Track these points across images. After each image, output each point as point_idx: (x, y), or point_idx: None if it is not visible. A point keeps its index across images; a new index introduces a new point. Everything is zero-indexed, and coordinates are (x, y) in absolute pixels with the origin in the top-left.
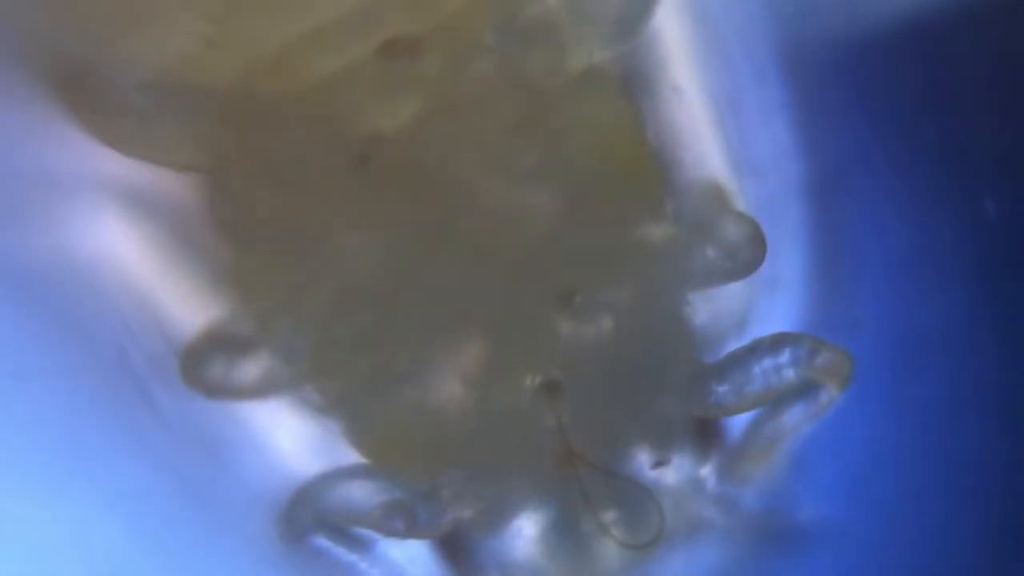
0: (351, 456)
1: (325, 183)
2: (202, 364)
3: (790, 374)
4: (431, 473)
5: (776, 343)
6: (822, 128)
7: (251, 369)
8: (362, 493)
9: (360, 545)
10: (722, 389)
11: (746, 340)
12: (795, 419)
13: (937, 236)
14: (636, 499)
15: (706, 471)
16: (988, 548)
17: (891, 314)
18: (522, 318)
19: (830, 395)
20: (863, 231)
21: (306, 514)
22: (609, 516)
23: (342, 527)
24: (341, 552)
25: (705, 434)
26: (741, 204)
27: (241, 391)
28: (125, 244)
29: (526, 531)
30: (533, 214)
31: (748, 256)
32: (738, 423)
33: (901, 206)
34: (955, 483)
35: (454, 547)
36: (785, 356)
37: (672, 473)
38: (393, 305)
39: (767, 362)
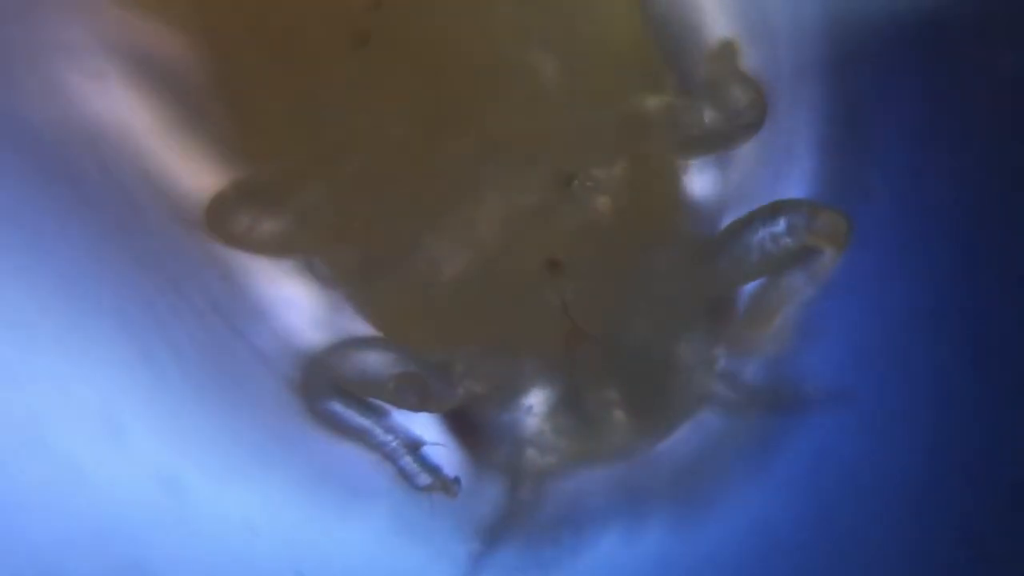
0: (360, 331)
1: (326, 60)
2: (228, 213)
3: (788, 241)
4: (443, 348)
5: (773, 211)
6: (841, 2)
7: (272, 225)
8: (376, 364)
9: (374, 413)
10: (721, 262)
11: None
12: (796, 283)
13: (951, 108)
14: (648, 377)
15: (718, 349)
16: (995, 414)
17: (903, 185)
18: (524, 199)
19: (830, 258)
20: (877, 104)
21: (322, 379)
22: (615, 393)
23: (357, 395)
24: (356, 417)
25: (717, 313)
26: (751, 69)
27: (260, 246)
28: (132, 113)
29: (535, 407)
30: (533, 87)
31: (750, 117)
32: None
33: (916, 79)
34: (963, 350)
35: (465, 421)
36: (781, 224)
37: (683, 352)
38: (398, 182)
39: (763, 232)
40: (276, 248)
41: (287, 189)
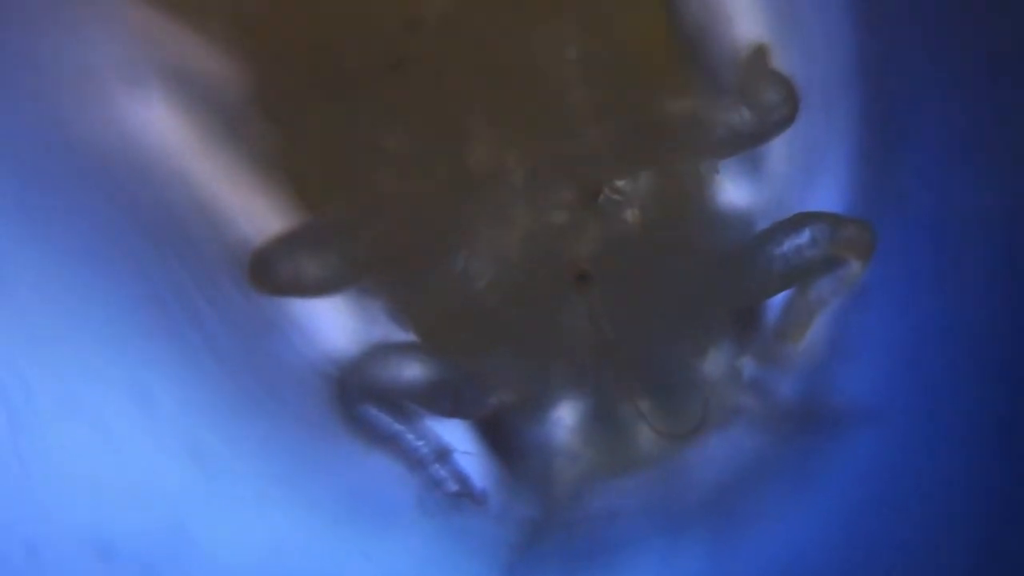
0: (396, 338)
1: (363, 80)
2: (270, 266)
3: (812, 253)
4: (475, 358)
5: (797, 223)
6: (875, 11)
7: (315, 270)
8: (411, 370)
9: (407, 419)
10: (747, 274)
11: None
12: (823, 294)
13: (988, 121)
14: (675, 388)
15: (744, 361)
16: None
17: (939, 197)
18: (552, 215)
19: (855, 269)
20: (913, 114)
21: (358, 384)
22: (646, 405)
23: (390, 399)
24: (389, 423)
25: (743, 325)
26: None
27: (305, 290)
28: (172, 127)
29: (566, 420)
30: (563, 104)
31: (781, 114)
32: (775, 312)
33: (952, 90)
34: (1002, 363)
35: (497, 433)
36: (805, 236)
37: (710, 363)
38: (431, 201)
39: (788, 244)
40: (320, 289)
41: (327, 233)
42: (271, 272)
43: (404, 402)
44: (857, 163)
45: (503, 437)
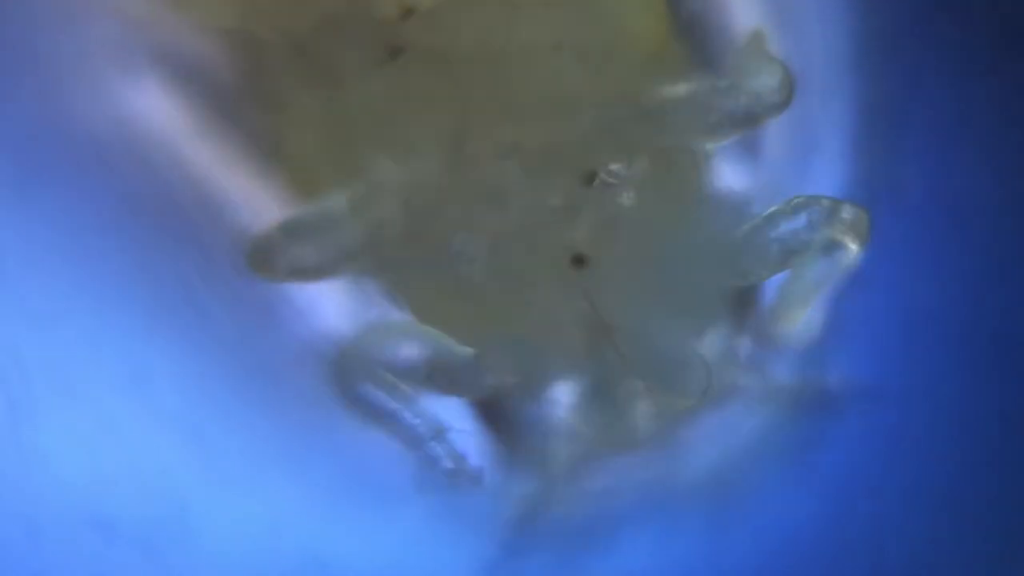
0: (393, 317)
1: (358, 68)
2: (270, 255)
3: (808, 237)
4: (472, 338)
5: (793, 207)
6: None
7: (315, 258)
8: (408, 349)
9: (403, 396)
10: (743, 256)
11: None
12: (819, 278)
13: (985, 106)
14: (678, 358)
15: (740, 341)
16: None
17: (936, 182)
18: (548, 199)
19: (852, 252)
20: (910, 99)
21: (355, 362)
22: (651, 379)
23: (387, 378)
24: (386, 400)
25: (740, 307)
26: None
27: (305, 277)
28: (170, 113)
29: (563, 399)
30: (556, 89)
31: (777, 98)
32: (771, 293)
33: (949, 75)
34: (998, 351)
35: (495, 413)
36: (802, 220)
37: (706, 344)
38: (427, 187)
39: (784, 227)
40: (319, 275)
41: (325, 219)
42: (270, 260)
43: (401, 381)
44: (853, 147)
45: (500, 415)
